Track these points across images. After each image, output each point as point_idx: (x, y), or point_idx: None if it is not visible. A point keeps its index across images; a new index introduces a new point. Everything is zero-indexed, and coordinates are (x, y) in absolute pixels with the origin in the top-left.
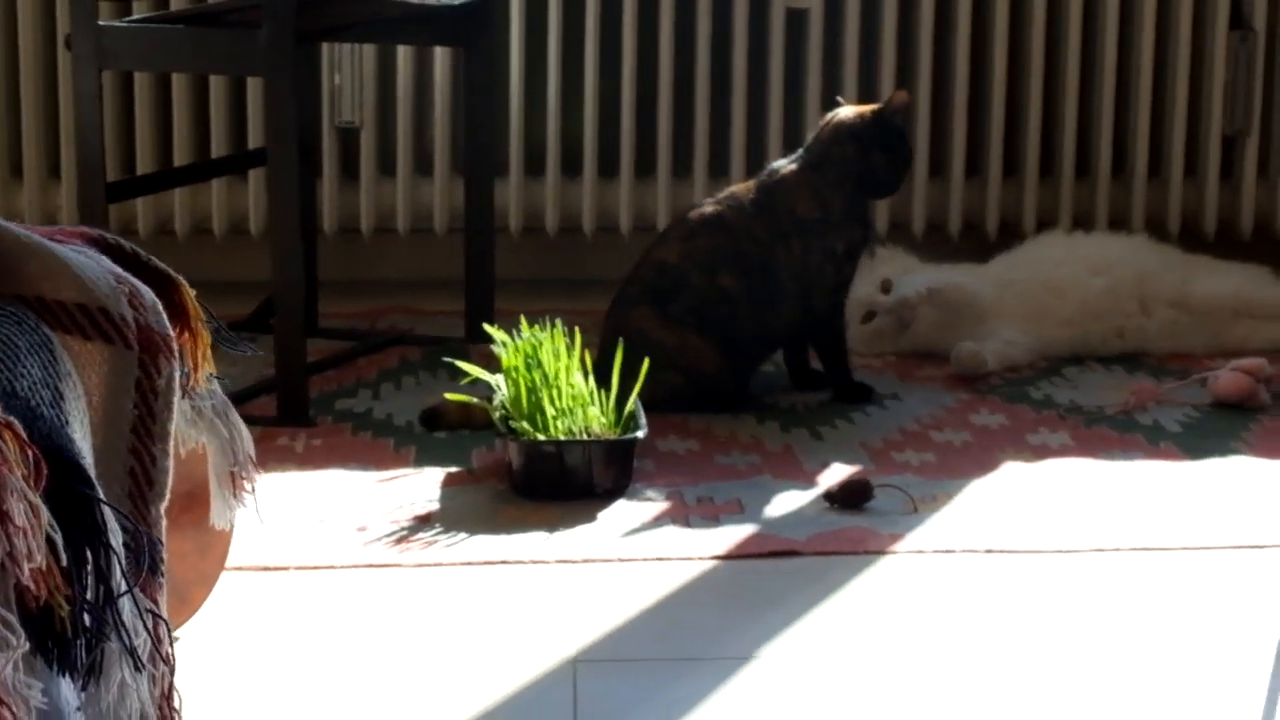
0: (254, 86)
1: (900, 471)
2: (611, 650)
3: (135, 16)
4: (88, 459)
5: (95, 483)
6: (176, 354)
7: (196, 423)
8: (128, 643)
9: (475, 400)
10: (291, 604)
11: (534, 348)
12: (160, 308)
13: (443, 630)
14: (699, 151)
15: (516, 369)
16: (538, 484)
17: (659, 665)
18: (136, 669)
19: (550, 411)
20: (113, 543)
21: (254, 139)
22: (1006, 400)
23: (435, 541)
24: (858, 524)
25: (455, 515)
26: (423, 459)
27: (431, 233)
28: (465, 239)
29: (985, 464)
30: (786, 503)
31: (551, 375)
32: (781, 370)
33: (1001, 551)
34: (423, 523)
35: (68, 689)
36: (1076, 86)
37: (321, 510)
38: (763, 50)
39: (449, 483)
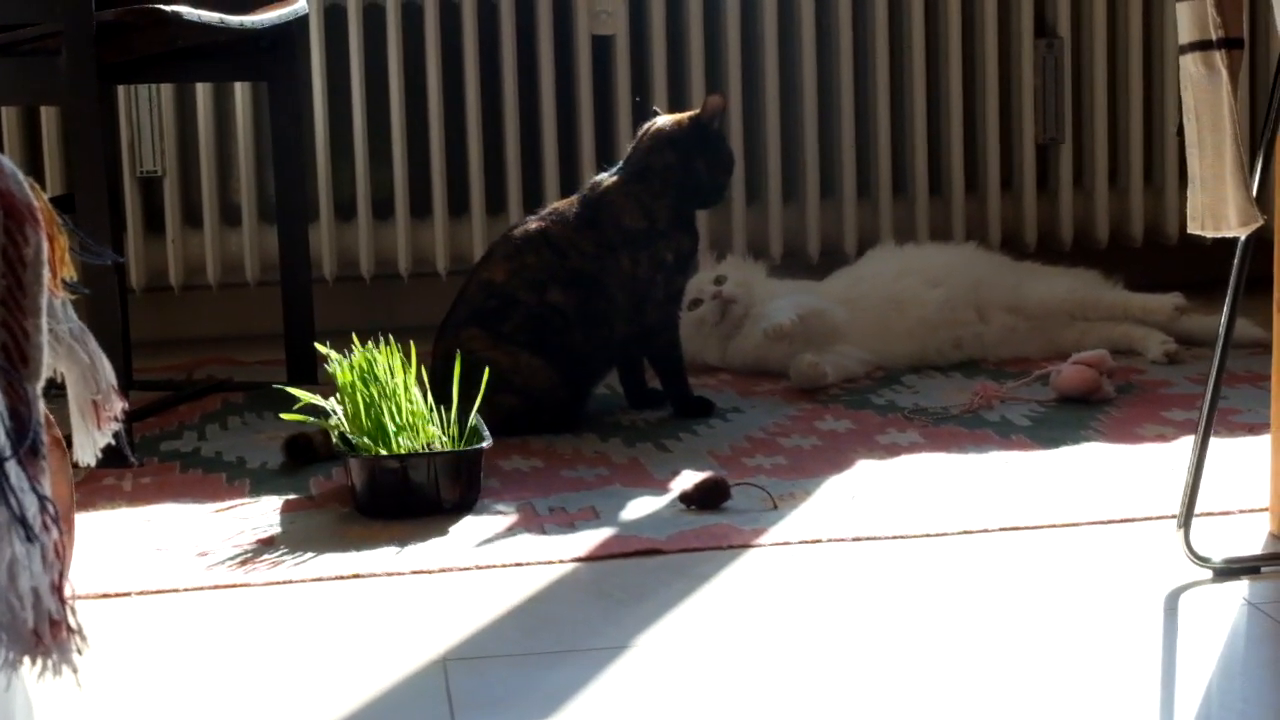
0: (50, 128)
1: (753, 475)
2: (481, 648)
3: None
4: None
5: None
6: (42, 226)
7: (54, 348)
8: (16, 511)
9: (311, 420)
10: (138, 629)
11: (369, 362)
12: (21, 176)
13: (301, 642)
14: (512, 186)
15: (353, 385)
16: (382, 502)
17: (533, 659)
18: (28, 540)
19: (391, 427)
20: None
21: (53, 187)
22: (850, 407)
23: (282, 561)
24: (719, 521)
25: (300, 537)
26: (259, 489)
27: (244, 286)
28: (282, 286)
29: (839, 463)
30: (642, 507)
31: (389, 390)
32: (618, 393)
33: (869, 539)
34: (266, 545)
35: None
36: (888, 105)
37: (158, 540)
38: (570, 79)
39: (289, 509)
